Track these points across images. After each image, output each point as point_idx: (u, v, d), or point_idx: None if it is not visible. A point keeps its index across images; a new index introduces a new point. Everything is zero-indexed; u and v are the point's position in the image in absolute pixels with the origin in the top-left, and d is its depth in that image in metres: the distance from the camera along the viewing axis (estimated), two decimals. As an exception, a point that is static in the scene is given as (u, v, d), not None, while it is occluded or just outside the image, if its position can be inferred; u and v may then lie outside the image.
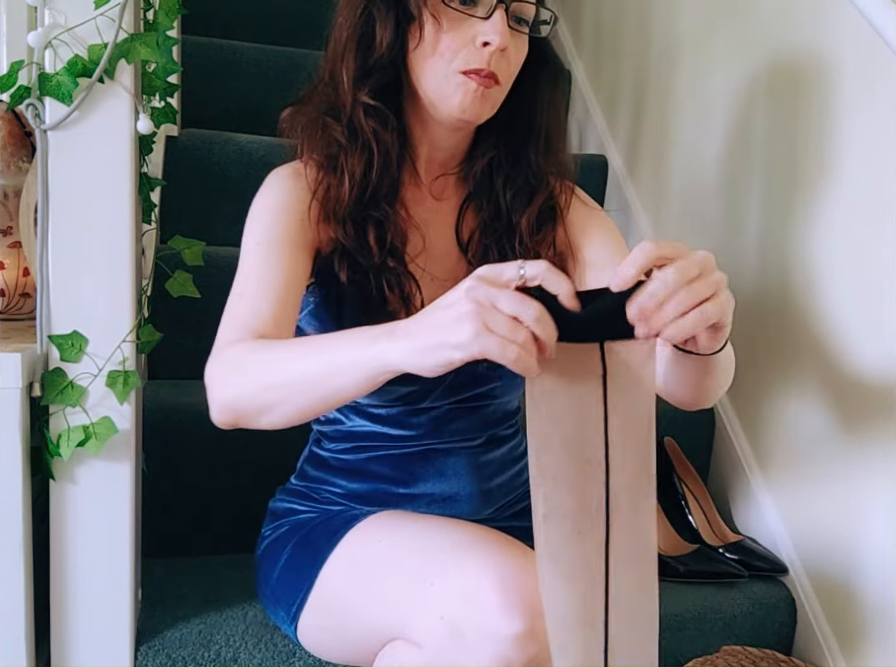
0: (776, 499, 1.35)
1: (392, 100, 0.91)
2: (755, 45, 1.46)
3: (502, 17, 0.86)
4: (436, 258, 0.97)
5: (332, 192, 0.90)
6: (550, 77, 0.97)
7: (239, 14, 2.17)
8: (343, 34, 0.90)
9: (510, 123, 0.96)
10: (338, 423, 1.00)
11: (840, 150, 1.23)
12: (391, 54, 0.88)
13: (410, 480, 0.97)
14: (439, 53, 0.87)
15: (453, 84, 0.87)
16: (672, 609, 1.19)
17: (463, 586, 0.73)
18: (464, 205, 1.00)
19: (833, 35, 1.26)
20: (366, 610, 0.83)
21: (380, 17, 0.88)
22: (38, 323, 0.90)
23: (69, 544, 0.93)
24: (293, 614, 0.92)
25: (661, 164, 1.78)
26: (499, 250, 0.97)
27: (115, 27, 0.86)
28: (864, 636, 1.16)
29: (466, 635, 0.72)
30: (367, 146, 0.90)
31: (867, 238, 1.18)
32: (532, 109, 0.96)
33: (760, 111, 1.43)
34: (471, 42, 0.86)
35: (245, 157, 1.62)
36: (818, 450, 1.26)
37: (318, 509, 0.99)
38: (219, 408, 0.79)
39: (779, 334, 1.36)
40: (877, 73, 1.16)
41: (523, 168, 0.97)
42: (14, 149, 1.06)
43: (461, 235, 0.99)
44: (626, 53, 1.96)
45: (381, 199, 0.91)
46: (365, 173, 0.90)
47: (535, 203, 0.97)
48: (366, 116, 0.89)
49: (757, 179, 1.43)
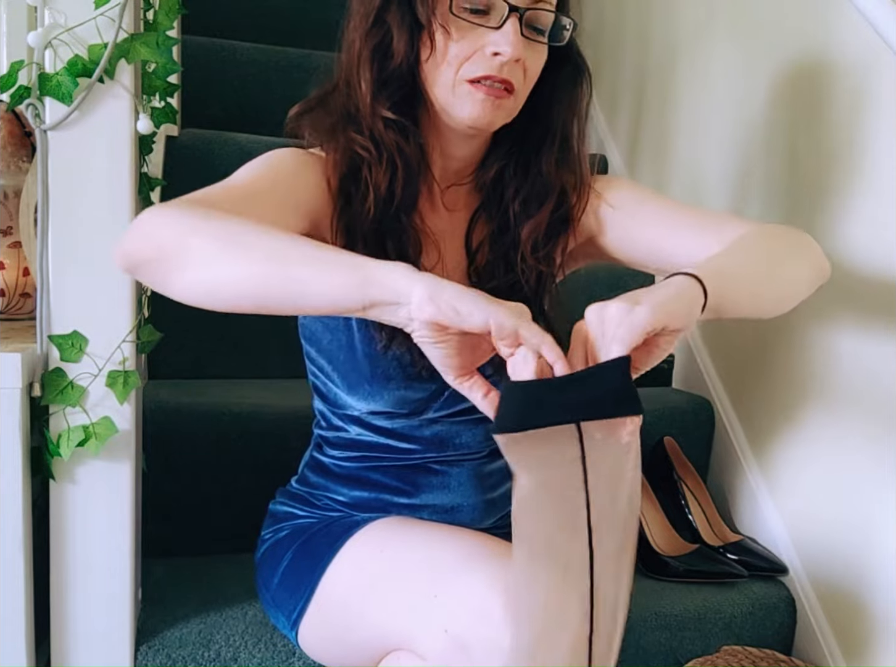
0: (776, 499, 1.35)
1: (410, 111, 0.89)
2: (755, 44, 1.46)
3: (515, 27, 0.83)
4: (449, 270, 0.95)
5: (355, 206, 0.88)
6: (569, 80, 0.93)
7: (239, 14, 2.17)
8: (357, 42, 0.88)
9: (525, 130, 0.93)
10: (341, 430, 0.98)
11: (840, 150, 1.23)
12: (408, 64, 0.86)
13: (413, 491, 0.96)
14: (448, 62, 0.85)
15: (461, 93, 0.85)
16: (672, 609, 1.19)
17: (469, 599, 0.73)
18: (475, 216, 0.97)
19: (833, 35, 1.26)
20: (368, 619, 0.83)
21: (395, 26, 0.86)
22: (38, 323, 0.90)
23: (69, 544, 0.93)
24: (293, 621, 0.92)
25: (661, 165, 1.78)
26: (505, 265, 0.94)
27: (115, 27, 0.86)
28: (865, 636, 1.16)
29: (472, 648, 0.71)
30: (391, 160, 0.88)
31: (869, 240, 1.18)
32: (548, 115, 0.93)
33: (760, 111, 1.43)
34: (480, 51, 0.84)
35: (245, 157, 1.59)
36: (818, 450, 1.26)
37: (318, 514, 0.99)
38: (140, 237, 0.71)
39: (779, 334, 1.36)
40: (877, 72, 1.16)
41: (534, 177, 0.94)
42: (14, 149, 1.06)
43: (470, 247, 0.96)
44: (626, 53, 1.96)
45: (402, 210, 0.89)
46: (390, 187, 0.88)
47: (540, 214, 0.94)
48: (386, 129, 0.87)
49: (757, 180, 1.43)
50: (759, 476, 1.39)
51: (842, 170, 1.23)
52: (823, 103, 1.27)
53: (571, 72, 0.93)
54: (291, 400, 1.29)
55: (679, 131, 1.70)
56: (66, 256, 0.89)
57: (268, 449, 1.25)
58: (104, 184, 0.89)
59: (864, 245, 1.19)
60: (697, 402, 1.53)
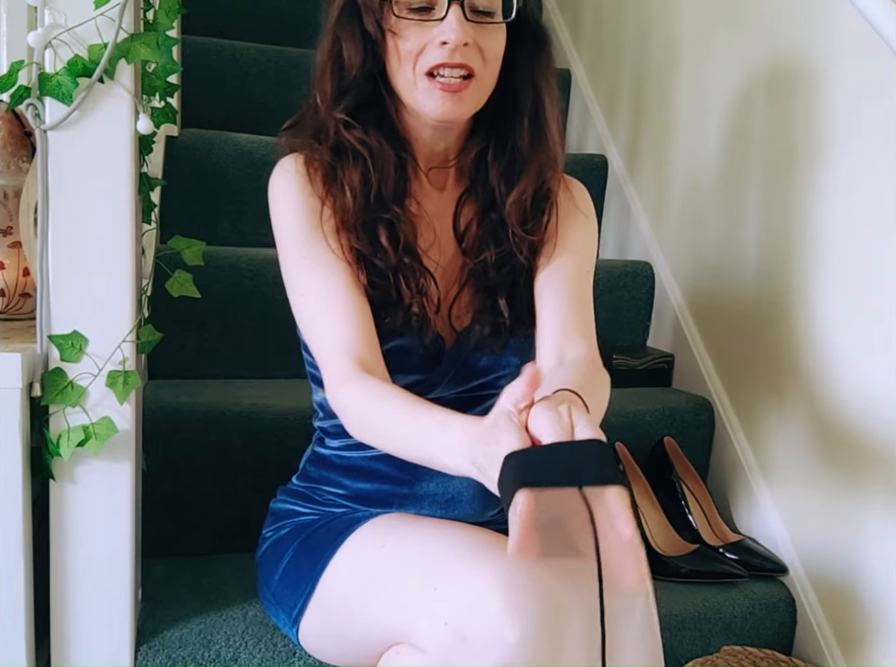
0: (776, 499, 1.35)
1: (373, 110, 0.93)
2: (755, 44, 1.46)
3: (457, 14, 0.86)
4: (443, 249, 0.99)
5: (338, 202, 0.93)
6: (529, 55, 0.95)
7: (239, 14, 2.17)
8: (320, 59, 0.94)
9: (499, 111, 0.96)
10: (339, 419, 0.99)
11: (840, 150, 1.23)
12: (364, 72, 0.91)
13: (414, 480, 0.96)
14: (403, 60, 0.89)
15: (422, 89, 0.89)
16: (672, 609, 1.19)
17: (469, 591, 0.73)
18: (462, 196, 1.01)
19: (832, 35, 1.26)
20: (369, 614, 0.83)
21: (346, 39, 0.91)
22: (38, 323, 0.90)
23: (69, 544, 0.93)
24: (294, 618, 0.92)
25: (661, 164, 1.78)
26: (494, 241, 0.97)
27: (115, 27, 0.86)
28: (864, 636, 1.16)
29: (471, 640, 0.71)
30: (358, 155, 0.93)
31: (869, 240, 1.18)
32: (515, 93, 0.96)
33: (760, 111, 1.43)
34: (430, 43, 0.87)
35: (245, 157, 1.62)
36: (818, 450, 1.26)
37: (319, 511, 0.99)
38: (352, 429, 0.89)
39: (778, 334, 1.36)
40: (877, 72, 1.16)
41: (510, 155, 0.97)
42: (14, 149, 1.06)
43: (458, 227, 1.00)
44: (626, 53, 1.96)
45: (389, 199, 0.93)
46: (364, 180, 0.92)
47: (520, 187, 0.96)
48: (346, 129, 0.93)
49: (757, 180, 1.43)
50: (759, 476, 1.39)
51: (842, 170, 1.23)
52: (823, 103, 1.27)
53: (531, 46, 0.95)
54: (291, 400, 1.29)
55: (679, 131, 1.70)
56: (66, 256, 0.89)
57: (268, 449, 1.25)
58: (104, 184, 0.89)
59: (864, 245, 1.19)
60: (697, 402, 1.53)
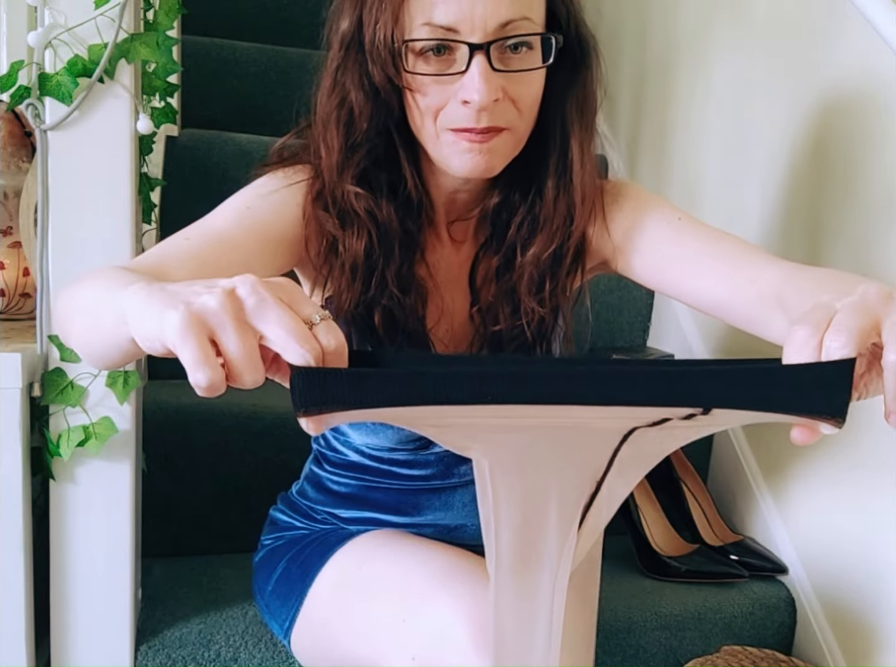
0: (776, 499, 1.35)
1: (385, 174, 0.81)
2: (755, 44, 1.46)
3: (481, 67, 0.71)
4: (455, 315, 0.90)
5: (332, 283, 0.82)
6: (567, 81, 0.82)
7: (239, 14, 2.17)
8: (323, 107, 0.81)
9: (527, 150, 0.82)
10: (340, 453, 0.96)
11: (841, 151, 1.23)
12: (377, 125, 0.79)
13: (415, 512, 0.94)
14: (423, 114, 0.76)
15: (447, 143, 0.76)
16: (672, 609, 1.19)
17: (434, 625, 0.72)
18: (480, 250, 0.89)
19: (833, 34, 1.26)
20: (345, 639, 0.83)
21: (353, 86, 0.78)
22: (38, 323, 0.90)
23: (69, 544, 0.93)
24: (286, 630, 0.92)
25: (661, 165, 1.78)
26: (511, 306, 0.86)
27: (115, 27, 0.86)
28: (864, 636, 1.16)
29: None
30: (363, 227, 0.81)
31: (871, 241, 1.18)
32: (544, 131, 0.82)
33: (760, 111, 1.43)
34: (453, 98, 0.74)
35: (245, 157, 1.62)
36: (818, 449, 1.26)
37: (317, 528, 0.98)
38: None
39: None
40: (876, 72, 1.16)
41: (532, 203, 0.84)
42: (14, 149, 1.06)
43: (475, 283, 0.89)
44: (626, 53, 1.96)
45: (391, 281, 0.82)
46: (367, 256, 0.81)
47: (537, 247, 0.84)
48: (357, 199, 0.80)
49: (757, 180, 1.43)
50: (759, 476, 1.39)
51: (842, 169, 1.23)
52: (823, 103, 1.27)
53: (568, 75, 0.81)
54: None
55: (679, 132, 1.70)
56: (66, 256, 0.89)
57: (268, 449, 1.25)
58: (104, 184, 0.89)
59: (866, 246, 1.19)
60: (697, 402, 1.53)
